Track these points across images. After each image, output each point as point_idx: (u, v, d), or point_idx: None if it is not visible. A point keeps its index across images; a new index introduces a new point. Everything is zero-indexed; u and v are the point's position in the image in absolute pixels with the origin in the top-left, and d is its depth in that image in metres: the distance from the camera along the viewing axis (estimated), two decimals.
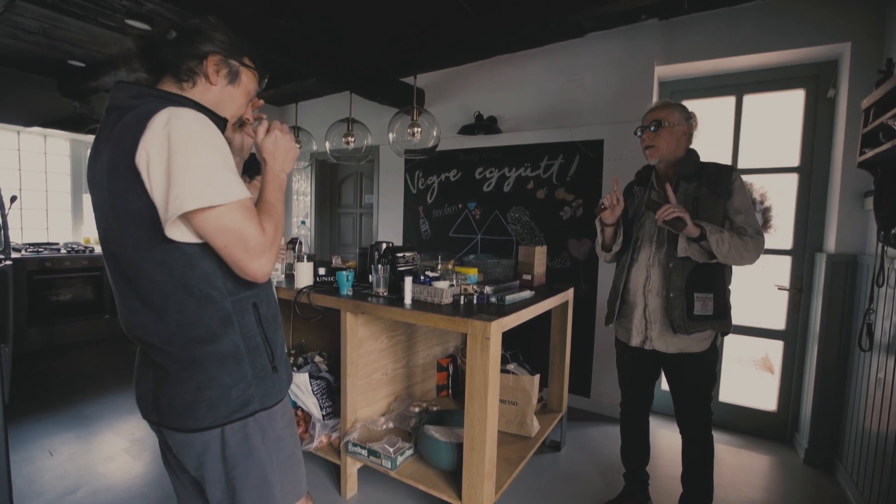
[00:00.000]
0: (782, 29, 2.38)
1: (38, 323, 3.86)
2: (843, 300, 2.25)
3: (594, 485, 2.17)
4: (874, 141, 1.68)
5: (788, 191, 2.59)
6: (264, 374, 0.94)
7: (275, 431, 0.97)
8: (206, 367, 0.87)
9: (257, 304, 0.95)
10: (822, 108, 2.47)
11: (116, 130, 0.82)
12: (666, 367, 1.74)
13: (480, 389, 1.61)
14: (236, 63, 0.97)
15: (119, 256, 0.86)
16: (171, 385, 0.88)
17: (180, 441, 0.91)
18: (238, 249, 0.82)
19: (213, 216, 0.80)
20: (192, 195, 0.77)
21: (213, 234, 0.81)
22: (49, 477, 2.11)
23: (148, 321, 0.87)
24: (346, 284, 2.07)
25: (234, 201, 0.82)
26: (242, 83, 0.99)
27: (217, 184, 0.80)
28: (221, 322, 0.88)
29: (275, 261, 0.87)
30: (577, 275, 3.03)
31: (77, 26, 3.04)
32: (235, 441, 0.91)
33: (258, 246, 0.84)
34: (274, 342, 0.98)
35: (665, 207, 1.50)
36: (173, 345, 0.87)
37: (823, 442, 2.33)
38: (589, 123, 2.97)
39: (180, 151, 0.77)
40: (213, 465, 0.91)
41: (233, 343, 0.90)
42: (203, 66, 0.93)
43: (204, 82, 0.94)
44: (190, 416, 0.87)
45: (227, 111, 0.98)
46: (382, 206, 4.08)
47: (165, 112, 0.79)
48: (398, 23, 2.88)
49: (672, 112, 1.66)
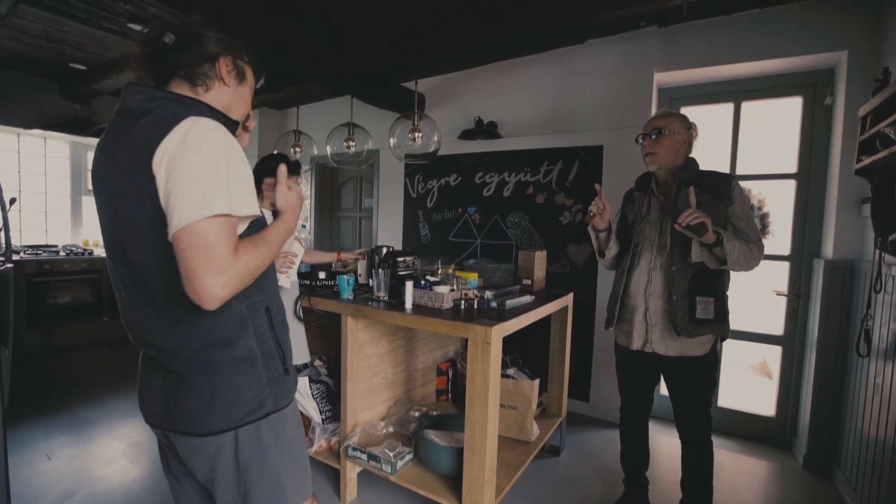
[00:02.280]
0: (780, 37, 2.40)
1: (37, 325, 3.85)
2: (840, 306, 2.26)
3: (594, 489, 2.17)
4: (871, 148, 1.70)
5: (786, 197, 2.61)
6: (277, 376, 0.95)
7: (286, 432, 0.97)
8: (223, 371, 0.87)
9: (269, 309, 0.95)
10: (819, 116, 2.49)
11: (134, 135, 0.81)
12: (666, 371, 1.75)
13: (481, 394, 1.61)
14: (241, 62, 0.96)
15: (133, 262, 0.85)
16: (184, 389, 0.87)
17: (191, 446, 0.89)
18: (201, 257, 0.74)
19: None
20: (204, 205, 0.75)
21: (184, 235, 0.75)
22: (47, 480, 2.10)
23: (162, 326, 0.86)
24: (347, 288, 2.08)
25: (239, 217, 0.81)
26: (248, 81, 0.99)
27: (225, 194, 0.78)
28: (237, 326, 0.88)
29: (232, 292, 0.78)
30: (577, 280, 3.04)
31: (79, 29, 3.06)
32: (249, 444, 0.90)
33: (226, 258, 0.76)
34: (285, 345, 0.99)
35: (689, 212, 1.48)
36: (188, 349, 0.86)
37: (822, 447, 2.33)
38: (589, 129, 2.99)
39: (193, 160, 0.76)
40: (226, 468, 0.90)
41: (248, 347, 0.90)
42: (216, 69, 0.92)
43: (219, 85, 0.93)
44: (203, 420, 0.87)
45: (238, 112, 0.98)
46: (382, 210, 4.09)
47: (188, 121, 0.78)
48: (398, 25, 2.90)
49: (673, 121, 1.68)
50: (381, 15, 2.77)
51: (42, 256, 3.90)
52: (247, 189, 0.83)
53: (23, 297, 3.73)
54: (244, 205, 0.82)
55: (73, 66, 3.77)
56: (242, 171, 0.83)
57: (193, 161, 0.76)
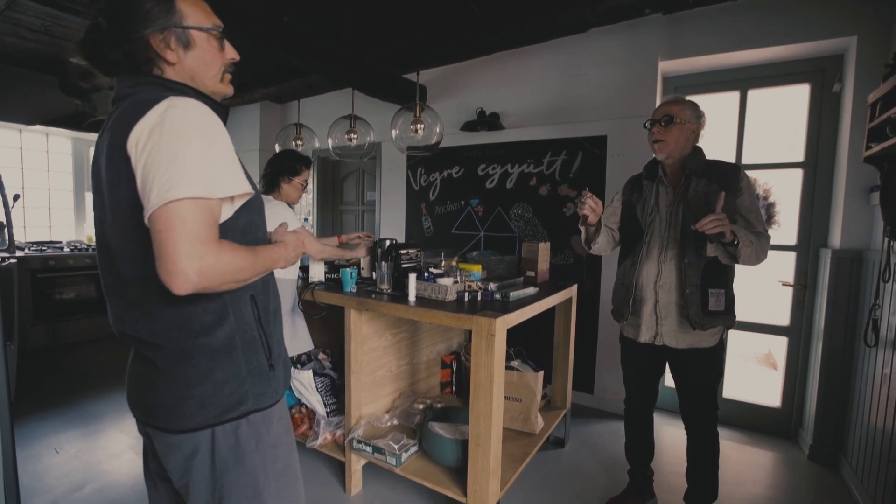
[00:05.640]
0: (787, 23, 2.36)
1: (42, 321, 3.87)
2: (848, 296, 2.24)
3: (598, 481, 2.17)
4: (881, 135, 1.67)
5: (793, 186, 2.58)
6: (260, 371, 0.88)
7: (270, 437, 0.90)
8: (198, 362, 0.82)
9: (256, 298, 0.89)
10: (827, 103, 2.45)
11: (115, 120, 0.78)
12: (674, 362, 1.74)
13: (485, 386, 1.61)
14: (177, 30, 0.84)
15: (112, 250, 0.82)
16: (160, 381, 0.83)
17: (167, 443, 0.85)
18: (179, 238, 0.69)
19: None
20: (179, 185, 0.70)
21: (161, 216, 0.70)
22: (55, 474, 2.12)
23: (139, 316, 0.83)
24: (350, 281, 2.07)
25: (218, 198, 0.76)
26: (198, 40, 0.86)
27: (205, 175, 0.74)
28: (216, 314, 0.83)
29: (207, 283, 0.72)
30: (581, 271, 3.03)
31: (78, 23, 3.03)
32: (226, 445, 0.84)
33: (204, 245, 0.71)
34: (272, 337, 0.93)
35: (710, 220, 1.42)
36: (165, 339, 0.82)
37: (828, 438, 2.32)
38: (592, 119, 2.96)
39: (171, 140, 0.72)
40: (201, 471, 0.84)
41: (227, 336, 0.84)
42: (153, 51, 0.83)
43: (166, 65, 0.85)
44: (179, 414, 0.82)
45: (207, 74, 0.89)
46: (385, 202, 4.08)
47: (166, 102, 0.75)
48: (402, 20, 2.87)
49: (684, 108, 1.64)
50: (385, 11, 2.74)
51: (46, 252, 3.91)
52: (229, 169, 0.79)
53: (28, 293, 3.75)
54: (228, 185, 0.78)
55: (73, 61, 3.75)
56: (225, 151, 0.79)
57: (171, 141, 0.72)
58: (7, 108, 3.97)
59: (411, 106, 2.72)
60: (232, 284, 0.78)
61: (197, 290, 0.71)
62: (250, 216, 0.89)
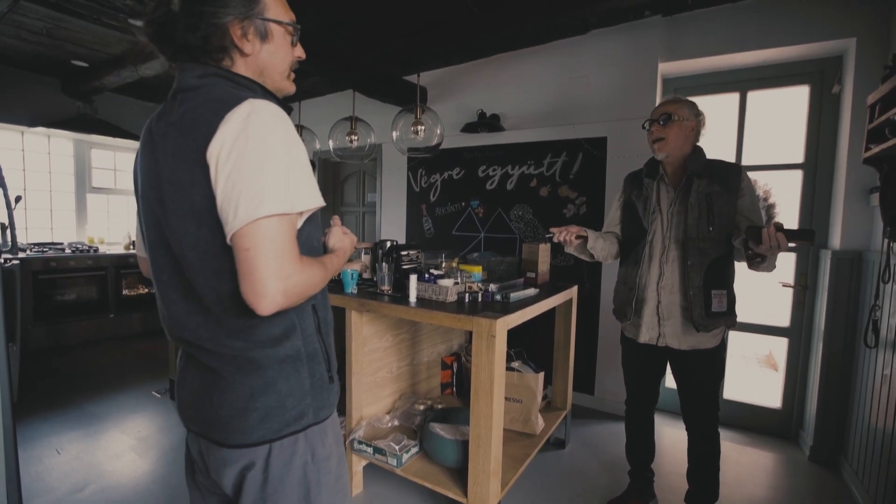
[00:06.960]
0: (786, 25, 2.37)
1: (44, 322, 3.88)
2: (848, 297, 2.24)
3: (599, 482, 2.17)
4: (880, 137, 1.67)
5: (793, 187, 2.58)
6: (321, 383, 0.86)
7: (324, 449, 0.87)
8: (264, 371, 0.79)
9: (316, 308, 0.87)
10: (826, 105, 2.45)
11: (186, 118, 0.74)
12: (675, 363, 1.74)
13: (486, 387, 1.61)
14: (258, 20, 0.81)
15: (175, 255, 0.78)
16: (221, 391, 0.79)
17: (223, 458, 0.81)
18: (268, 258, 0.68)
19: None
20: (267, 201, 0.69)
21: (249, 234, 0.68)
22: (57, 475, 2.12)
23: (202, 322, 0.79)
24: (351, 282, 2.08)
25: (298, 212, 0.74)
26: (275, 34, 0.84)
27: (288, 189, 0.72)
28: (284, 325, 0.81)
29: (289, 302, 0.71)
30: (581, 272, 3.03)
31: (80, 26, 3.05)
32: (282, 459, 0.81)
33: (291, 264, 0.70)
34: (330, 348, 0.90)
35: (772, 245, 1.33)
36: (229, 348, 0.78)
37: (828, 439, 2.32)
38: (592, 121, 2.96)
39: (256, 152, 0.69)
40: (254, 483, 0.81)
41: (294, 347, 0.82)
42: (229, 39, 0.79)
43: (239, 56, 0.81)
44: (239, 427, 0.78)
45: (276, 70, 0.86)
46: (385, 204, 4.09)
47: (247, 105, 0.71)
48: (402, 19, 2.87)
49: (682, 107, 1.65)
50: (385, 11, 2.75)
51: (48, 254, 3.92)
52: (305, 179, 0.76)
53: (30, 295, 3.76)
54: (305, 198, 0.75)
55: (75, 63, 3.77)
56: (301, 159, 0.75)
57: (256, 152, 0.69)
58: (9, 110, 3.99)
59: (412, 107, 2.73)
60: (305, 299, 0.76)
61: (281, 309, 0.70)
62: (311, 226, 0.87)
